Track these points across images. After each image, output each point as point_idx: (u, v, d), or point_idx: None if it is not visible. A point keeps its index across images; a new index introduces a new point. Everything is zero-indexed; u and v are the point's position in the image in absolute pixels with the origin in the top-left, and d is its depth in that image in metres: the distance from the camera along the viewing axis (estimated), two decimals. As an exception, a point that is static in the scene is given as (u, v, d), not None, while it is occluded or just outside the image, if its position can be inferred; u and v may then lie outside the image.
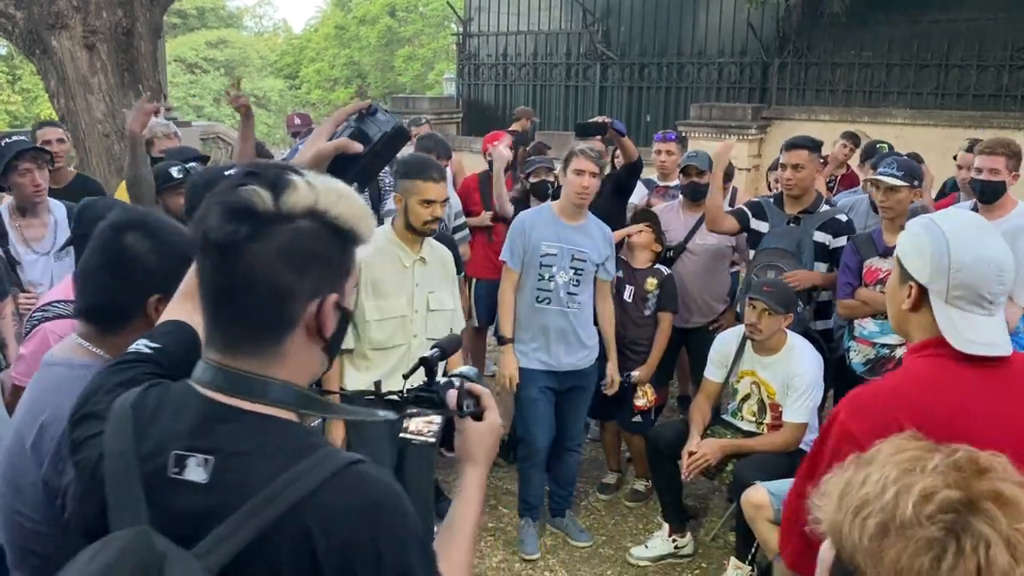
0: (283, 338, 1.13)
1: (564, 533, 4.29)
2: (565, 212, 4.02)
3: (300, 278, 1.11)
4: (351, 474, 1.09)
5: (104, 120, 6.32)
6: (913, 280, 1.70)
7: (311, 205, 1.11)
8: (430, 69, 29.09)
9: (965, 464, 0.90)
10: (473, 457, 1.42)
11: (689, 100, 10.64)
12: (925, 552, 0.85)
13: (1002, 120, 8.35)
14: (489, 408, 1.43)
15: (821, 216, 4.23)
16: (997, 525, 0.85)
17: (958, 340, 1.64)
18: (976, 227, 1.72)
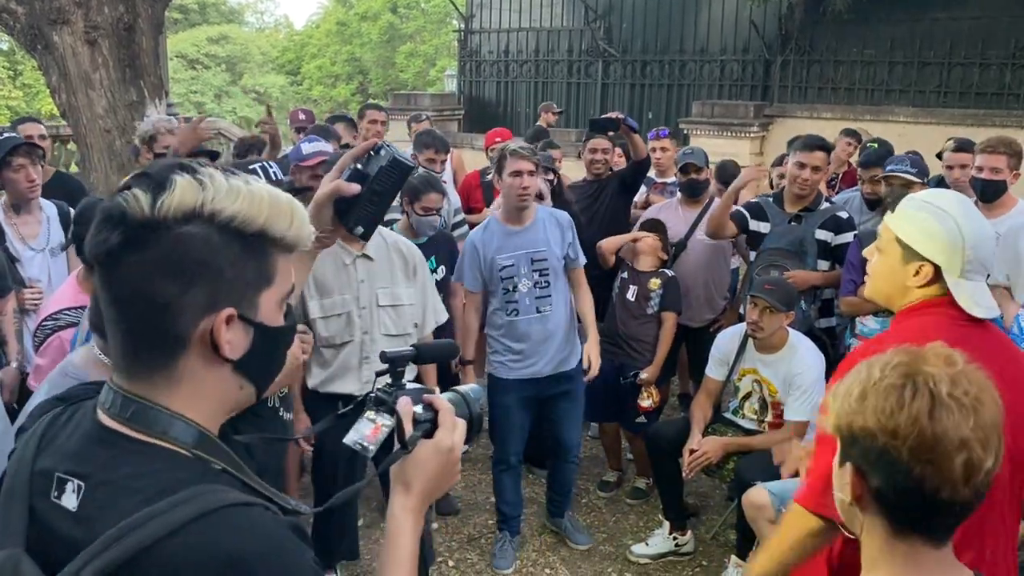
0: (174, 360, 1.01)
1: (563, 535, 4.25)
2: (510, 218, 3.84)
3: (184, 290, 0.98)
4: (220, 519, 0.93)
5: (105, 116, 6.31)
6: (924, 260, 1.84)
7: (195, 207, 0.98)
8: (432, 66, 29.09)
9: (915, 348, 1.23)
10: (403, 481, 1.21)
11: (691, 97, 10.63)
12: (891, 394, 1.16)
13: (1004, 118, 8.34)
14: (443, 426, 1.22)
15: (822, 214, 4.22)
16: (941, 369, 1.16)
17: (973, 307, 1.83)
18: (969, 206, 1.90)
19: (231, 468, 1.04)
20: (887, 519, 1.21)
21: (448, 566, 4.06)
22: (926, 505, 1.15)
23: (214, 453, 1.03)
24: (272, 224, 1.02)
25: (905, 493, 1.16)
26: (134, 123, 6.34)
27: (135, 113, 6.39)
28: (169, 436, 1.00)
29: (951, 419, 1.12)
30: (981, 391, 1.16)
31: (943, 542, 1.21)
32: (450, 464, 1.22)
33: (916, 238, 1.85)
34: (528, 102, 12.55)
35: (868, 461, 1.18)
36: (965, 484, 1.13)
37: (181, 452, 1.00)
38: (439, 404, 1.22)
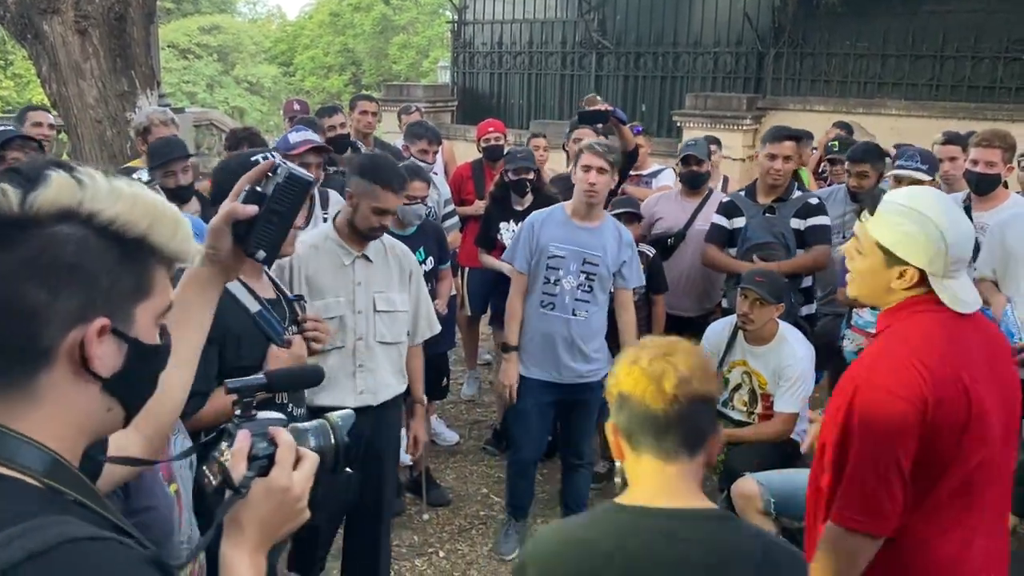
0: (35, 376, 0.91)
1: None
2: (577, 212, 3.78)
3: (53, 296, 0.89)
4: (65, 556, 0.81)
5: (96, 106, 6.28)
6: (907, 265, 1.86)
7: (71, 206, 0.90)
8: (425, 57, 29.01)
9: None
10: (234, 522, 1.10)
11: (684, 90, 10.62)
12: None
13: (996, 112, 8.35)
14: (279, 464, 1.10)
15: (794, 203, 4.27)
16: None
17: (958, 304, 1.84)
18: (947, 204, 1.90)
19: (87, 499, 0.94)
20: (631, 449, 1.58)
21: (439, 557, 4.07)
22: (641, 421, 1.54)
23: (68, 483, 0.92)
24: (155, 232, 0.95)
25: (629, 417, 1.56)
26: (125, 114, 6.31)
27: (126, 103, 6.36)
28: (16, 463, 0.90)
29: (645, 354, 1.57)
30: (673, 343, 1.60)
31: (670, 458, 1.54)
32: (287, 504, 1.10)
33: (898, 244, 1.86)
34: (521, 94, 12.52)
35: (615, 409, 1.59)
36: (660, 393, 1.51)
37: (29, 481, 0.90)
38: (279, 439, 1.12)
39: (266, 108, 29.16)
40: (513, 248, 3.91)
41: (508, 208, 4.87)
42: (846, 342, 3.98)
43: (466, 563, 4.04)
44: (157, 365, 1.03)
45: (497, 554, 4.06)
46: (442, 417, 5.42)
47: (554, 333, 3.78)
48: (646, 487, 1.56)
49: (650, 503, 1.53)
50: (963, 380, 1.78)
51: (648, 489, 1.56)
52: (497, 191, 4.95)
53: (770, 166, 4.22)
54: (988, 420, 1.81)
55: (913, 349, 1.83)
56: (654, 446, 1.54)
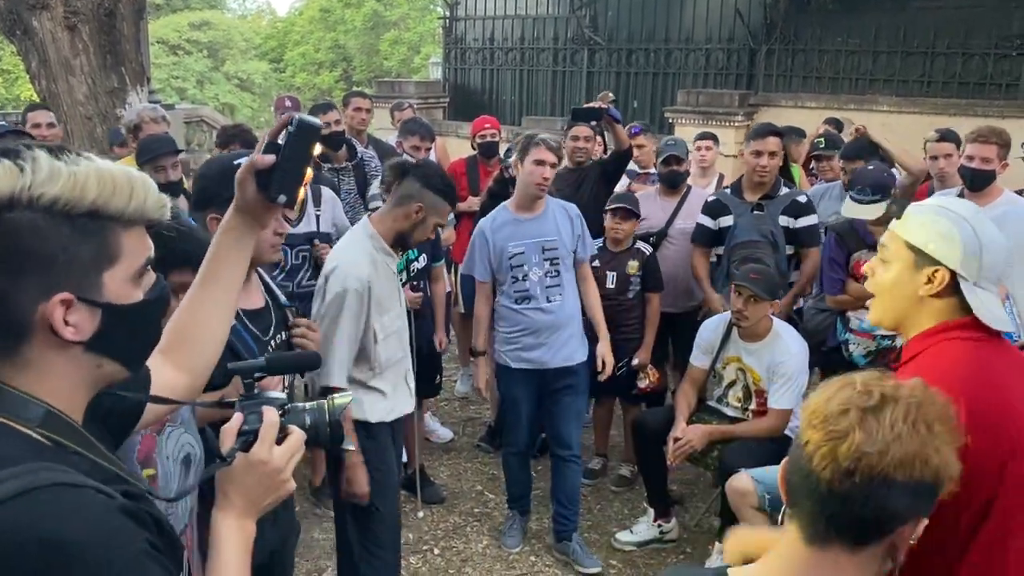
0: (20, 346, 1.01)
1: (572, 560, 3.99)
2: (523, 206, 3.85)
3: (15, 279, 0.97)
4: (42, 499, 0.91)
5: (86, 102, 6.25)
6: (941, 265, 1.71)
7: (14, 194, 0.95)
8: (416, 53, 28.95)
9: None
10: (221, 492, 1.23)
11: (676, 86, 10.62)
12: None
13: (987, 108, 8.38)
14: (261, 440, 1.22)
15: (782, 200, 4.29)
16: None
17: (991, 319, 1.70)
18: (978, 211, 1.78)
19: (80, 447, 1.03)
20: (787, 497, 1.27)
21: (434, 554, 4.07)
22: (806, 480, 1.21)
23: (62, 432, 1.02)
24: (107, 202, 1.00)
25: (793, 463, 1.24)
26: (116, 110, 6.29)
27: (116, 100, 6.34)
28: (11, 414, 1.00)
29: (847, 392, 1.23)
30: (892, 393, 1.23)
31: (813, 540, 1.21)
32: (266, 476, 1.22)
33: (930, 241, 1.72)
34: (513, 90, 12.50)
35: (792, 443, 1.28)
36: (832, 458, 1.18)
37: (23, 430, 1.00)
38: (265, 417, 1.23)
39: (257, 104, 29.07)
40: (470, 259, 3.95)
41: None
42: (852, 346, 3.95)
43: (461, 560, 4.04)
44: (146, 317, 1.10)
45: (505, 548, 4.08)
46: (436, 414, 5.42)
47: (534, 324, 3.86)
48: (780, 566, 1.25)
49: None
50: (1004, 405, 1.65)
51: (780, 570, 1.24)
52: (496, 187, 4.94)
53: (756, 163, 4.24)
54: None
55: (941, 377, 1.62)
56: (804, 517, 1.22)
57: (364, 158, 5.27)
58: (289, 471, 1.25)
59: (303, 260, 4.11)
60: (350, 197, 5.06)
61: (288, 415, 1.27)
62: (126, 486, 1.03)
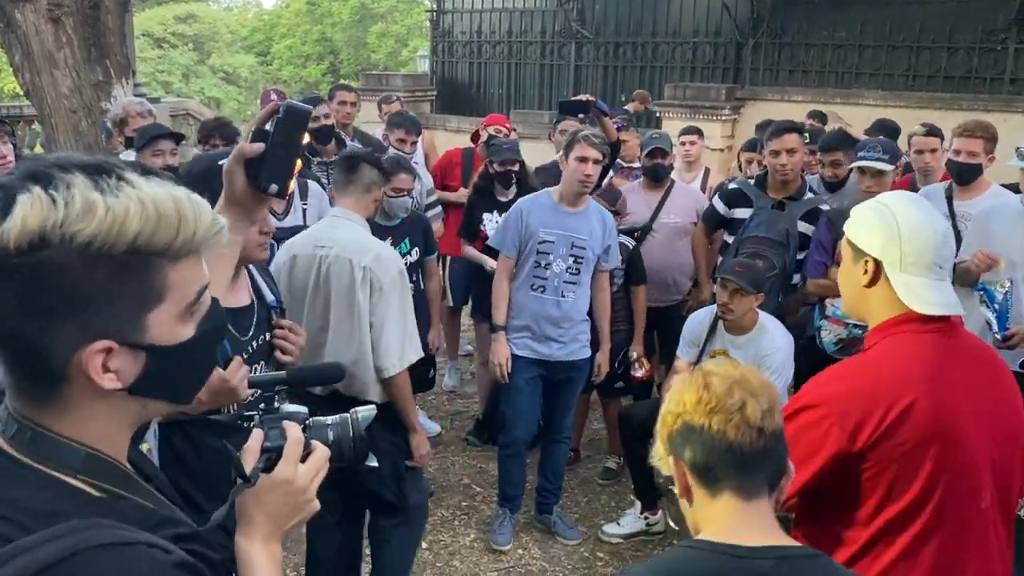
0: (59, 391, 0.92)
1: (553, 531, 4.19)
2: (565, 198, 3.90)
3: (48, 325, 0.87)
4: (89, 563, 0.83)
5: (71, 96, 6.20)
6: (867, 255, 1.83)
7: (44, 231, 0.84)
8: (404, 46, 28.86)
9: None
10: (243, 514, 1.14)
11: (663, 80, 10.64)
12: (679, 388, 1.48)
13: (971, 102, 8.44)
14: (284, 458, 1.15)
15: (805, 204, 4.22)
16: (714, 366, 1.50)
17: (917, 303, 1.78)
18: (917, 201, 1.88)
19: (126, 490, 0.96)
20: (703, 488, 1.44)
21: (421, 548, 4.06)
22: (724, 455, 1.39)
23: (106, 476, 0.95)
24: (149, 238, 0.89)
25: (707, 451, 1.41)
26: (100, 103, 6.24)
27: (101, 93, 6.29)
28: (52, 461, 0.92)
29: (718, 380, 1.43)
30: (744, 371, 1.47)
31: (751, 496, 1.41)
32: (291, 495, 1.14)
33: (858, 234, 1.86)
34: (501, 83, 12.50)
35: (679, 444, 1.45)
36: (746, 424, 1.38)
37: (63, 478, 0.92)
38: (289, 434, 1.16)
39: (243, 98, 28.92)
40: (501, 234, 3.97)
41: (492, 199, 4.86)
42: (824, 333, 3.98)
43: (448, 553, 4.05)
44: (197, 354, 1.01)
45: (495, 545, 4.04)
46: (424, 408, 5.42)
47: (544, 314, 3.90)
48: (726, 524, 1.41)
49: (738, 541, 1.38)
50: (922, 399, 1.71)
51: (730, 526, 1.41)
52: (481, 182, 4.93)
53: (775, 163, 4.18)
54: (958, 449, 1.73)
55: (869, 363, 1.80)
56: (736, 483, 1.41)
57: (352, 152, 5.26)
58: (314, 490, 1.17)
59: (290, 254, 4.10)
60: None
61: (310, 430, 1.21)
62: (177, 528, 0.96)
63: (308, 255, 3.07)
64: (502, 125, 5.45)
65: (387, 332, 3.00)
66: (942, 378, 1.76)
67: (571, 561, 4.03)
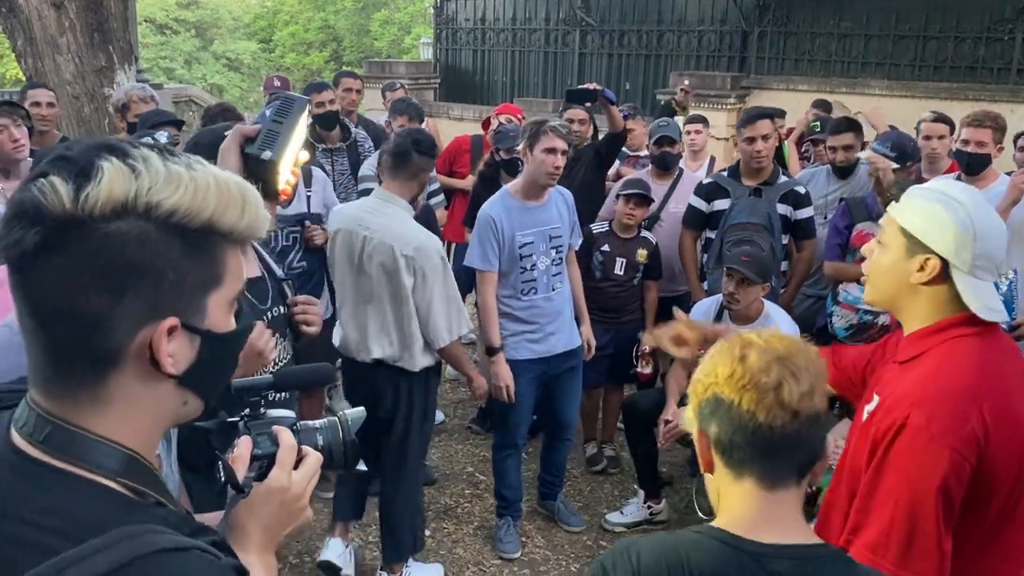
0: (105, 378, 0.87)
1: (556, 518, 4.20)
2: (531, 194, 3.75)
3: (117, 299, 0.84)
4: (149, 569, 0.79)
5: (73, 81, 6.18)
6: (932, 253, 1.69)
7: (127, 199, 0.82)
8: (407, 34, 28.73)
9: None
10: (237, 531, 1.08)
11: (668, 68, 10.59)
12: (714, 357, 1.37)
13: (978, 92, 8.39)
14: (278, 465, 1.10)
15: (781, 187, 4.27)
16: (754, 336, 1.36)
17: (982, 309, 1.68)
18: (980, 199, 1.75)
19: (162, 496, 0.92)
20: (726, 467, 1.35)
21: (425, 535, 4.08)
22: (750, 436, 1.29)
23: (145, 481, 0.90)
24: (221, 216, 0.88)
25: (733, 429, 1.31)
26: (103, 89, 6.22)
27: (104, 79, 6.27)
28: (89, 464, 0.87)
29: (756, 353, 1.31)
30: (790, 345, 1.34)
31: (775, 485, 1.32)
32: (287, 503, 1.10)
33: (923, 228, 1.70)
34: (505, 71, 12.44)
35: (706, 416, 1.35)
36: (780, 406, 1.27)
37: (103, 483, 0.87)
38: (281, 440, 1.12)
39: (245, 85, 28.83)
40: (479, 250, 3.72)
41: (497, 187, 4.82)
42: (836, 319, 3.98)
43: (452, 541, 4.05)
44: (234, 349, 0.99)
45: (504, 554, 3.95)
46: (427, 396, 5.42)
47: (539, 313, 3.83)
48: (745, 514, 1.33)
49: (756, 536, 1.31)
50: (1018, 411, 1.65)
51: (749, 517, 1.33)
52: (487, 170, 4.91)
53: (750, 149, 4.22)
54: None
55: (966, 388, 1.65)
56: (761, 469, 1.32)
57: (358, 138, 5.24)
58: (307, 497, 1.13)
59: (294, 241, 4.09)
60: (344, 177, 5.03)
61: (299, 435, 1.16)
62: (212, 536, 0.92)
63: (350, 232, 3.36)
64: (514, 115, 5.42)
65: (434, 313, 3.31)
66: (1010, 383, 1.69)
67: (574, 550, 4.03)
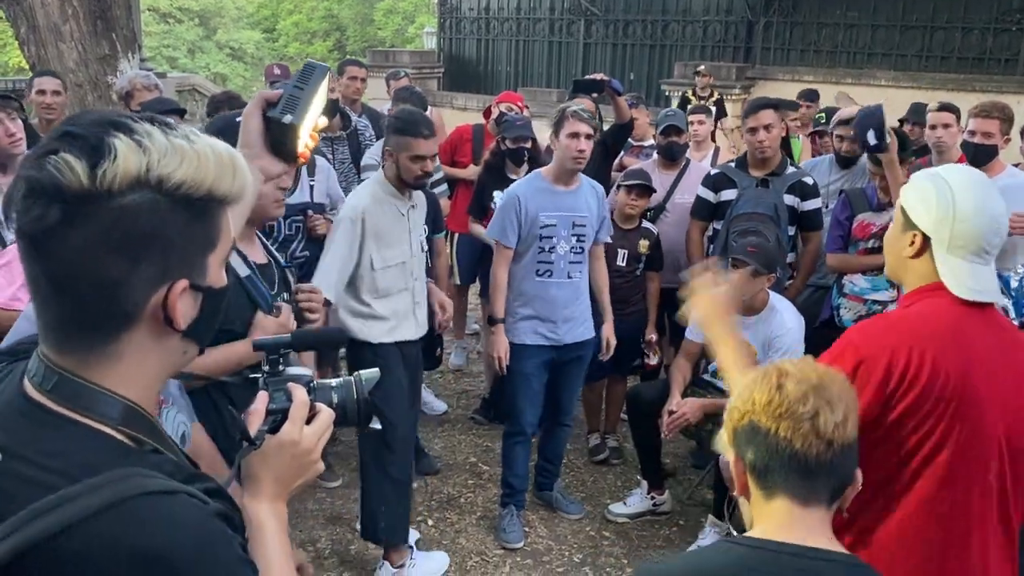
0: (118, 336, 0.95)
1: (555, 507, 4.20)
2: (560, 178, 3.79)
3: (133, 266, 0.91)
4: (135, 509, 0.86)
5: (76, 69, 6.15)
6: (917, 229, 1.80)
7: (140, 174, 0.89)
8: (410, 23, 28.66)
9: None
10: (250, 476, 1.15)
11: (673, 58, 10.56)
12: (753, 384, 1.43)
13: (985, 83, 8.35)
14: (290, 420, 1.16)
15: (788, 178, 4.23)
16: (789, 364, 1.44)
17: (957, 287, 1.77)
18: (979, 182, 1.83)
19: (159, 444, 0.99)
20: (759, 488, 1.41)
21: (428, 525, 4.08)
22: (785, 462, 1.36)
23: (142, 429, 0.98)
24: (219, 183, 0.95)
25: (769, 455, 1.37)
26: (106, 77, 6.20)
27: (107, 67, 6.25)
28: (93, 412, 0.94)
29: (793, 383, 1.38)
30: (824, 375, 1.41)
31: (808, 502, 1.39)
32: (297, 458, 1.16)
33: (913, 205, 1.82)
34: (509, 61, 12.41)
35: (741, 441, 1.41)
36: (815, 435, 1.34)
37: (104, 430, 0.94)
38: (294, 396, 1.18)
39: (249, 74, 28.76)
40: (499, 223, 3.82)
41: (502, 177, 4.81)
42: (843, 311, 3.97)
43: (455, 531, 4.05)
44: (225, 302, 1.06)
45: (507, 544, 3.94)
46: (430, 387, 5.41)
47: (553, 298, 3.83)
48: (778, 524, 1.40)
49: (785, 538, 1.37)
50: (944, 356, 1.73)
51: (782, 525, 1.39)
52: (492, 159, 4.89)
53: (753, 140, 4.19)
54: (970, 416, 1.73)
55: (901, 317, 1.84)
56: (794, 490, 1.38)
57: (358, 127, 5.22)
58: (319, 451, 1.19)
59: (296, 230, 4.06)
60: (344, 166, 5.01)
61: (315, 392, 1.22)
62: (207, 483, 0.98)
63: None
64: (515, 103, 5.39)
65: (325, 268, 3.39)
66: (964, 343, 1.77)
67: (577, 540, 4.02)
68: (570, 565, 3.86)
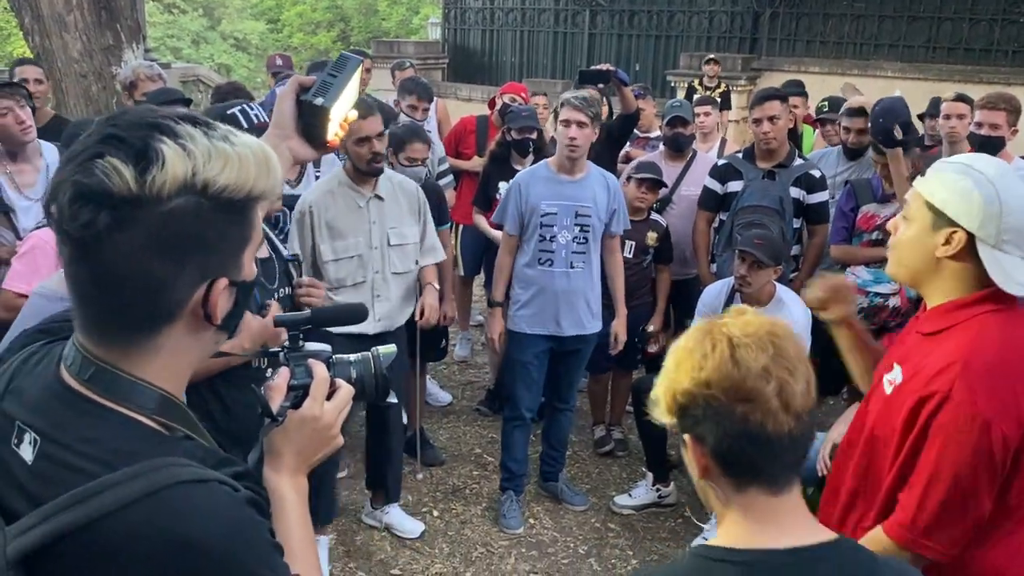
0: (160, 331, 0.98)
1: (560, 499, 4.21)
2: (563, 167, 3.80)
3: (179, 267, 0.94)
4: (170, 498, 0.89)
5: (81, 60, 6.14)
6: (958, 226, 1.67)
7: (187, 179, 0.91)
8: (415, 14, 28.58)
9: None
10: (272, 450, 1.19)
11: (679, 49, 10.52)
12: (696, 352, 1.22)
13: (992, 75, 8.31)
14: (311, 396, 1.19)
15: (795, 171, 4.20)
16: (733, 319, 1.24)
17: (1008, 283, 1.66)
18: (1009, 172, 1.72)
19: (190, 431, 1.02)
20: (726, 476, 1.24)
21: (433, 516, 4.08)
22: (756, 445, 1.19)
23: (175, 417, 1.01)
24: (257, 184, 0.98)
25: (735, 438, 1.19)
26: (111, 68, 6.19)
27: (112, 57, 6.23)
28: (130, 402, 0.97)
29: (750, 354, 1.19)
30: (775, 335, 1.22)
31: (781, 488, 1.23)
32: (317, 432, 1.19)
33: (949, 201, 1.68)
34: (514, 51, 12.37)
35: (698, 422, 1.22)
36: (785, 411, 1.17)
37: (139, 419, 0.97)
38: (315, 372, 1.21)
39: (253, 65, 28.71)
40: (503, 211, 3.89)
41: (508, 168, 4.80)
42: None
43: (460, 522, 4.05)
44: (252, 291, 1.09)
45: (507, 529, 3.97)
46: (435, 378, 5.42)
47: (554, 288, 3.82)
48: (751, 527, 1.24)
49: (770, 544, 1.22)
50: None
51: (755, 529, 1.23)
52: (498, 150, 4.88)
53: (759, 131, 4.16)
54: None
55: (1008, 364, 1.66)
56: (767, 475, 1.23)
57: (364, 119, 5.21)
58: (339, 426, 1.23)
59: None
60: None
61: (334, 368, 1.26)
62: (235, 467, 1.00)
63: None
64: (519, 93, 5.37)
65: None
66: None
67: (582, 531, 4.03)
68: (575, 557, 3.86)
